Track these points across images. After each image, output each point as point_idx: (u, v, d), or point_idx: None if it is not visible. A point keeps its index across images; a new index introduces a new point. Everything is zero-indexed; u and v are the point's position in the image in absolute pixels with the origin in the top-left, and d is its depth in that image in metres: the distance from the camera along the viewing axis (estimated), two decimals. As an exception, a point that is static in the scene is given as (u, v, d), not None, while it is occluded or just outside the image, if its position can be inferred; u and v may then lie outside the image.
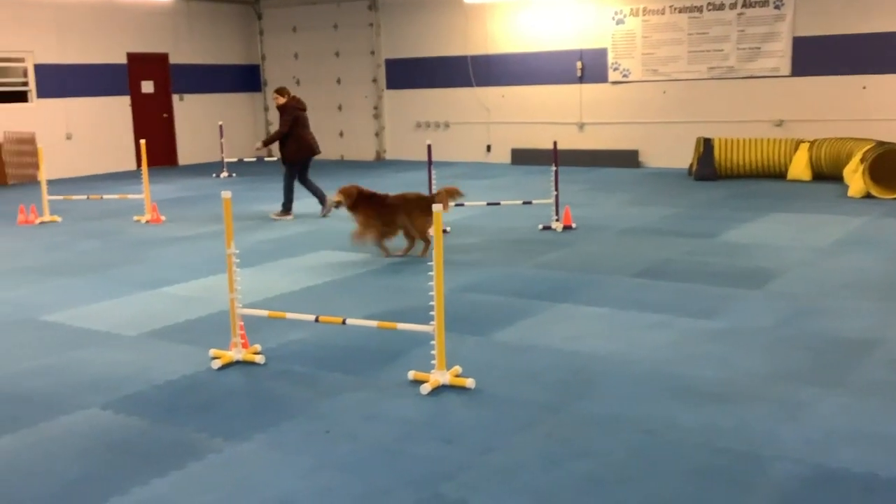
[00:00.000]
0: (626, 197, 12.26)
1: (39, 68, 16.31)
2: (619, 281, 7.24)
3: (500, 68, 17.40)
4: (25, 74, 16.26)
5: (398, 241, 8.58)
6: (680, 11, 15.47)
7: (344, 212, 8.70)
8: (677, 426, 4.20)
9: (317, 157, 11.44)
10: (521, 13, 16.98)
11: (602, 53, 16.25)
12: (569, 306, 6.48)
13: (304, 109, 11.04)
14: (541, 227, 9.77)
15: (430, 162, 9.75)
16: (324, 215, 10.97)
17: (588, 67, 16.39)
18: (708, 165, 13.88)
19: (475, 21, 17.49)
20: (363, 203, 8.33)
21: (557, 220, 9.73)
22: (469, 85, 17.75)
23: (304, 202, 11.70)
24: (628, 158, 16.18)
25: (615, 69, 16.20)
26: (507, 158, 17.54)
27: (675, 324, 5.93)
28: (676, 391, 4.68)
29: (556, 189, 9.70)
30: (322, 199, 11.11)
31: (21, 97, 16.22)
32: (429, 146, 9.86)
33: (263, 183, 15.01)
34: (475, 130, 17.93)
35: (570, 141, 16.25)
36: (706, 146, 13.96)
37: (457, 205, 10.35)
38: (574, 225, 9.78)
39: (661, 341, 5.56)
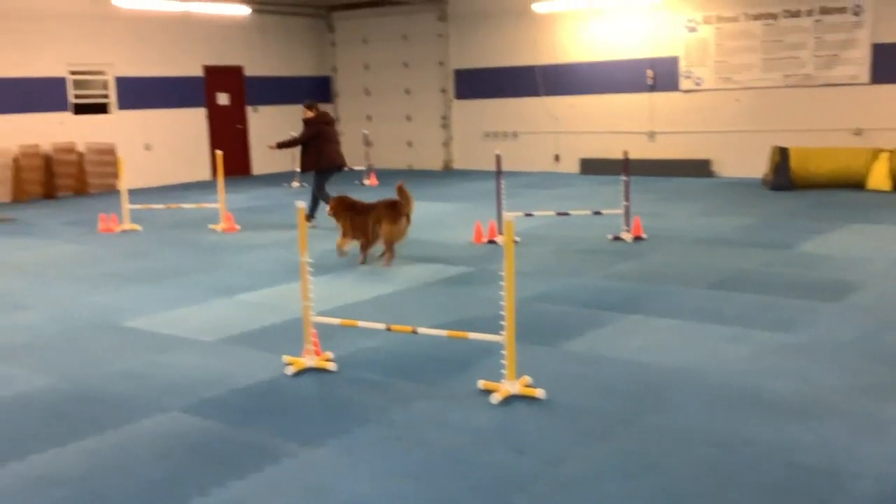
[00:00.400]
0: (698, 207, 12.07)
1: (120, 81, 16.88)
2: (691, 292, 7.14)
3: (568, 77, 17.33)
4: (106, 87, 16.84)
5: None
6: (754, 19, 15.19)
7: (414, 224, 8.80)
8: (754, 441, 4.12)
9: (383, 167, 11.60)
10: (590, 22, 16.90)
11: (673, 62, 16.06)
12: (640, 317, 6.42)
13: (329, 124, 11.43)
14: (611, 237, 9.70)
15: (498, 172, 9.76)
16: (311, 225, 11.03)
17: (659, 76, 16.22)
18: (783, 175, 13.58)
19: (544, 30, 17.47)
20: (343, 211, 8.72)
21: (628, 231, 9.64)
22: (537, 94, 17.73)
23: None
24: (700, 168, 15.93)
25: (687, 77, 15.98)
26: (576, 168, 17.44)
27: (751, 336, 5.81)
28: (753, 405, 4.59)
29: (627, 199, 9.61)
30: (313, 211, 11.42)
31: (102, 109, 16.80)
32: (497, 156, 9.88)
33: (332, 192, 15.20)
34: (543, 140, 17.89)
35: (640, 150, 16.08)
36: (782, 155, 13.66)
37: (525, 215, 10.37)
38: (645, 235, 9.68)
39: (736, 354, 5.46)
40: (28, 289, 8.04)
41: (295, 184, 16.53)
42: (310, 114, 11.35)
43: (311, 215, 11.30)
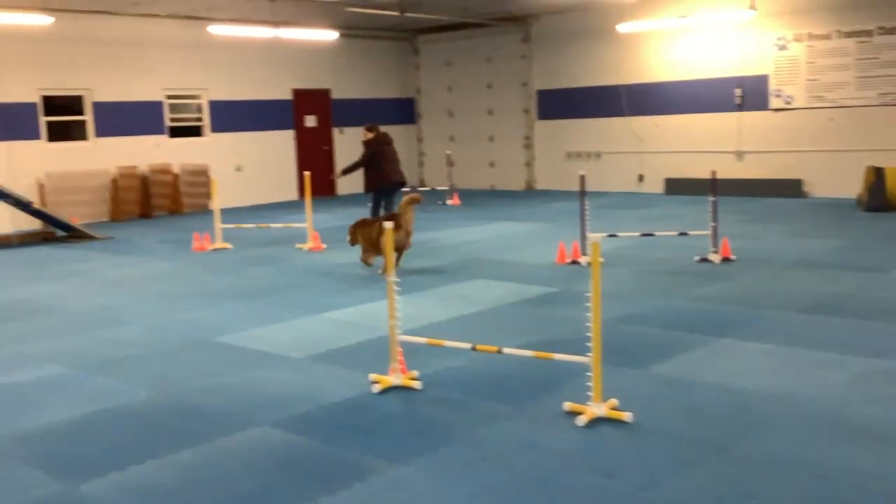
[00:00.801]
0: (789, 228, 11.75)
1: (213, 104, 17.46)
2: (784, 316, 6.95)
3: (653, 97, 17.14)
4: (200, 110, 17.45)
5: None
6: (847, 36, 14.76)
7: (497, 245, 8.83)
8: (854, 471, 3.98)
9: (465, 187, 11.71)
10: (676, 41, 16.71)
11: (762, 80, 15.71)
12: (731, 341, 6.27)
13: (388, 143, 11.91)
14: (697, 258, 9.52)
15: (582, 192, 9.71)
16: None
17: (748, 94, 15.89)
18: (879, 196, 13.11)
19: (629, 50, 17.34)
20: (359, 228, 9.65)
21: (715, 252, 9.45)
22: (621, 114, 17.59)
23: (457, 232, 11.87)
24: (791, 188, 15.51)
25: (777, 96, 15.62)
26: (660, 188, 17.20)
27: (848, 363, 5.62)
28: (851, 434, 4.43)
29: (714, 220, 9.43)
30: None
31: (196, 132, 17.40)
32: (582, 176, 9.83)
33: (416, 212, 15.35)
34: (627, 160, 17.71)
35: (728, 170, 15.74)
36: (877, 175, 13.19)
37: (609, 235, 10.27)
38: (733, 257, 9.47)
39: (832, 381, 5.29)
40: (127, 305, 8.36)
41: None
42: (369, 135, 11.84)
43: None
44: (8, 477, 4.27)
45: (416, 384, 5.44)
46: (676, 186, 16.81)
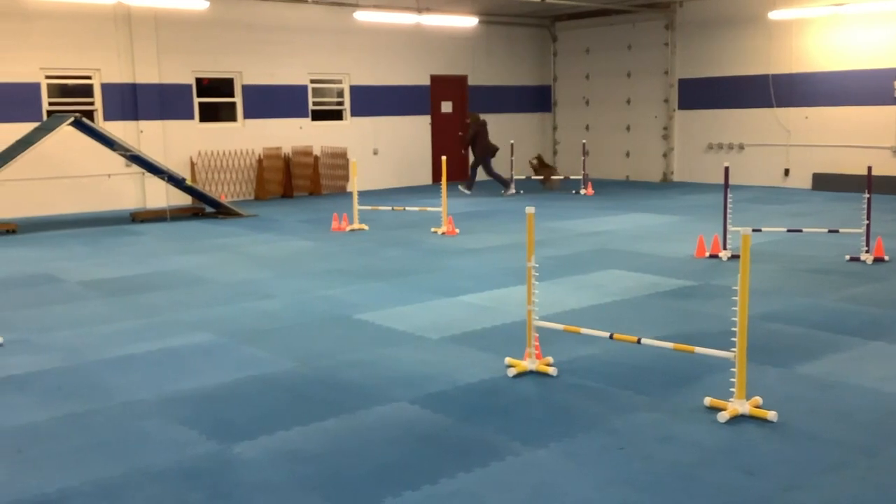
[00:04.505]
0: (950, 230, 11.01)
1: (354, 89, 17.91)
2: (943, 321, 6.54)
3: (804, 88, 16.38)
4: (341, 94, 17.93)
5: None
6: None
7: (632, 236, 8.67)
8: None
9: (599, 176, 11.66)
10: (833, 29, 15.88)
11: (925, 71, 14.76)
12: (883, 345, 5.97)
13: (484, 125, 16.85)
14: (847, 257, 9.08)
15: (726, 185, 9.41)
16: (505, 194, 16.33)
17: (908, 87, 14.96)
18: None
19: (779, 38, 16.62)
20: None
21: (868, 252, 8.98)
22: (769, 105, 16.90)
23: (590, 222, 11.73)
24: (952, 187, 14.53)
25: (941, 88, 14.63)
26: (808, 183, 16.44)
27: None
28: None
29: (868, 218, 8.96)
30: (505, 183, 16.72)
31: (337, 115, 17.90)
32: (726, 168, 9.51)
33: (549, 201, 15.33)
34: (772, 153, 17.02)
35: (884, 166, 14.88)
36: None
37: (754, 230, 9.90)
38: (887, 258, 8.98)
39: None
40: (270, 279, 8.73)
41: (511, 191, 16.78)
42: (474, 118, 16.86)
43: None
44: (167, 435, 4.56)
45: (551, 370, 5.45)
46: (825, 182, 16.03)
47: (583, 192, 16.52)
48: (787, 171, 16.82)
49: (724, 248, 9.35)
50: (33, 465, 4.18)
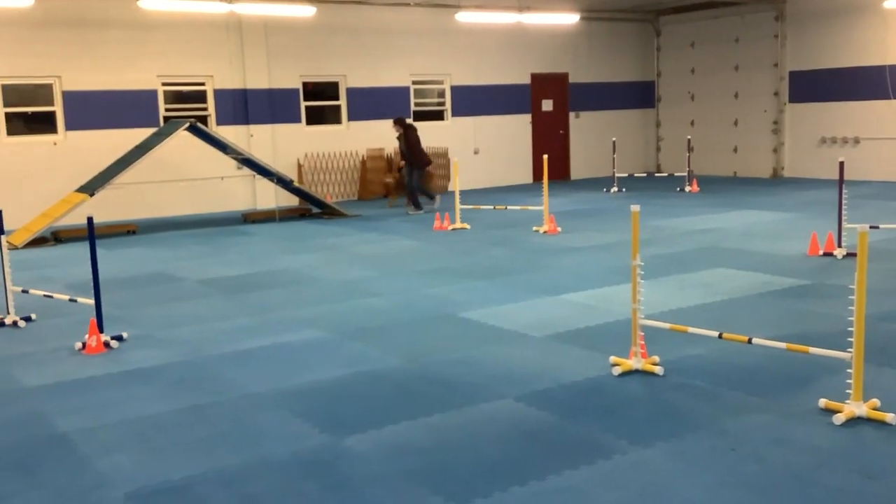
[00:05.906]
0: None
1: (455, 89, 18.05)
2: None
3: (925, 78, 15.61)
4: (442, 95, 18.10)
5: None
6: None
7: (740, 234, 8.46)
8: None
9: (705, 173, 11.37)
10: (955, 15, 15.09)
11: None
12: None
13: (416, 130, 14.77)
14: (974, 255, 8.63)
15: (841, 180, 9.07)
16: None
17: None
18: None
19: (897, 27, 15.90)
20: None
21: None
22: (886, 97, 16.16)
23: (696, 220, 11.50)
24: None
25: None
26: (929, 178, 15.67)
27: None
28: None
29: None
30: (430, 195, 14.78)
31: (438, 116, 18.09)
32: (841, 163, 9.17)
33: (652, 198, 15.08)
34: (891, 147, 16.26)
35: None
36: None
37: (871, 227, 9.51)
38: None
39: None
40: (376, 278, 8.91)
41: (614, 189, 16.58)
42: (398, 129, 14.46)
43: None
44: (283, 427, 4.74)
45: (658, 369, 5.40)
46: (948, 176, 15.23)
47: (687, 189, 16.18)
48: (906, 166, 16.06)
49: (839, 246, 9.03)
50: (159, 454, 4.42)
